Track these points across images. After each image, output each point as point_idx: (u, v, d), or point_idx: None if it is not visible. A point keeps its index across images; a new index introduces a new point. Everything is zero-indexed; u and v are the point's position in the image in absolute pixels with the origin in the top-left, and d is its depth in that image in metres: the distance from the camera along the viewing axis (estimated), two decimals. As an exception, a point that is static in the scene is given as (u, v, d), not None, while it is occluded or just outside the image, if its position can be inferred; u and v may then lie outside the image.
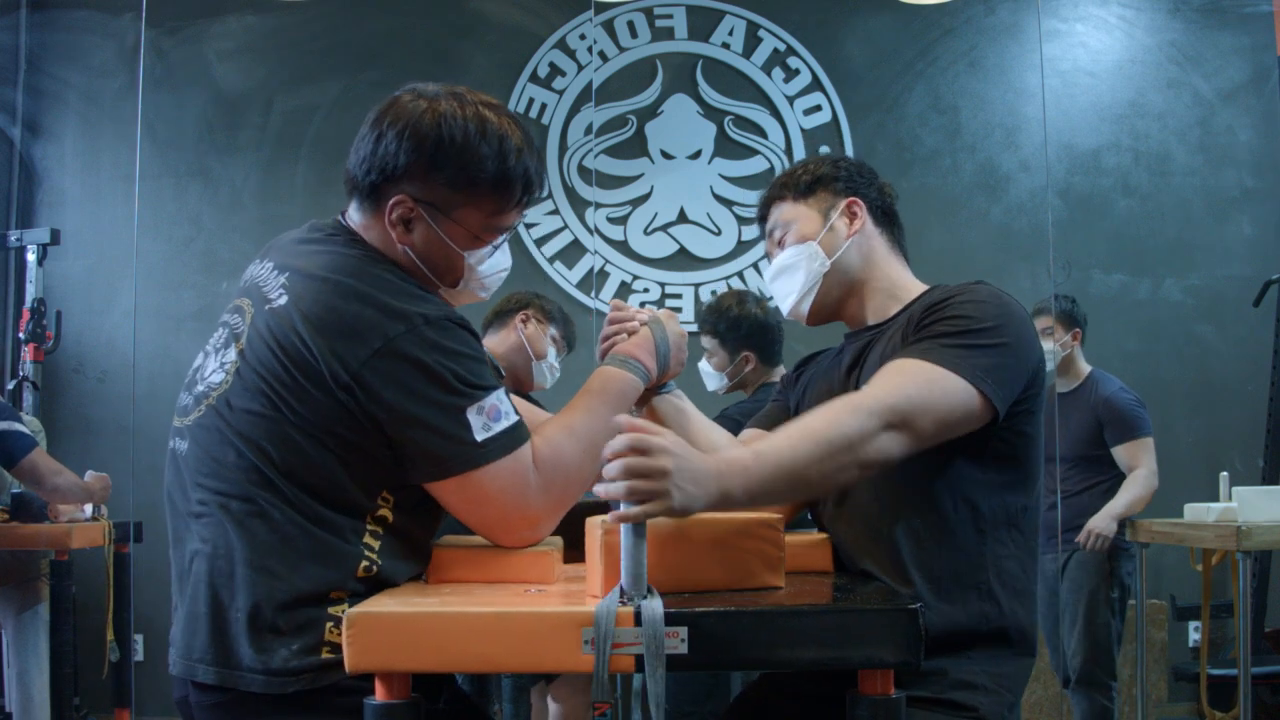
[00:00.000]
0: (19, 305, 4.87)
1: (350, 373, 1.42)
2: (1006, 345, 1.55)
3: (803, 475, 1.40)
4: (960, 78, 5.24)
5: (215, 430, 1.48)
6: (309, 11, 5.17)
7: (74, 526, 3.81)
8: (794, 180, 1.84)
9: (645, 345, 1.70)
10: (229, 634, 1.42)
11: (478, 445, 1.44)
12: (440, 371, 1.44)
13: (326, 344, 1.42)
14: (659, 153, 5.20)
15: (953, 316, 1.58)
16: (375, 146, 1.54)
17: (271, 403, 1.44)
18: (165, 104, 5.11)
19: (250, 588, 1.41)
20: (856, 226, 1.78)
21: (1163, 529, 3.83)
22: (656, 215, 5.18)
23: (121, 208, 5.01)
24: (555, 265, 5.14)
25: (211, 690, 1.43)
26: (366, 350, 1.42)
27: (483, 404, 1.46)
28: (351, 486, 1.45)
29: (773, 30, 5.26)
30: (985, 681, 1.57)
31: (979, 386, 1.51)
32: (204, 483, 1.48)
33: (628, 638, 1.23)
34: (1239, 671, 3.42)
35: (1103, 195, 5.18)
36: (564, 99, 5.23)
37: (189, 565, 1.48)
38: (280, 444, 1.43)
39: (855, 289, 1.80)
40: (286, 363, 1.44)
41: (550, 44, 5.25)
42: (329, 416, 1.43)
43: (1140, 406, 4.04)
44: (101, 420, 4.90)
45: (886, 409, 1.45)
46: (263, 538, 1.43)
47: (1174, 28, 5.25)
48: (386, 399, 1.42)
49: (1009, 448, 1.61)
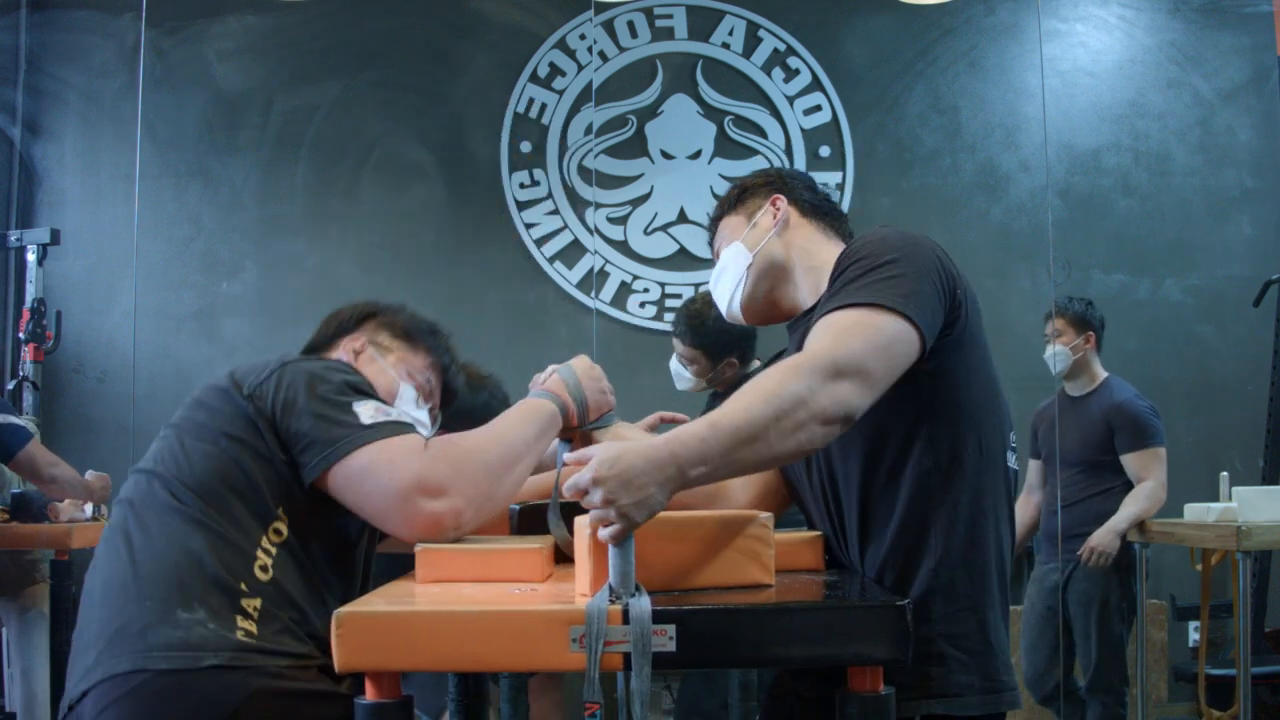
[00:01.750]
0: (19, 305, 4.87)
1: (251, 386, 1.64)
2: (914, 272, 1.52)
3: (764, 438, 1.36)
4: (960, 78, 5.24)
5: (144, 482, 1.65)
6: (309, 11, 5.17)
7: (74, 526, 3.81)
8: (726, 198, 1.91)
9: (554, 381, 1.78)
10: (135, 622, 1.54)
11: (364, 427, 1.57)
12: (331, 378, 1.63)
13: (238, 375, 1.67)
14: (659, 153, 5.20)
15: (856, 261, 1.56)
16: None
17: (180, 430, 1.66)
18: (165, 104, 5.12)
19: (157, 580, 1.56)
20: (779, 217, 1.81)
21: (1163, 529, 3.82)
22: (656, 215, 5.18)
23: (121, 208, 5.01)
24: (555, 265, 5.14)
25: (115, 678, 1.50)
26: (267, 369, 1.65)
27: (369, 401, 1.61)
28: (253, 489, 1.60)
29: (773, 30, 5.26)
30: (944, 648, 1.54)
31: (902, 311, 1.48)
32: (125, 513, 1.65)
33: (616, 635, 1.23)
34: (1239, 671, 3.42)
35: (1103, 195, 5.17)
36: (564, 99, 5.23)
37: (96, 590, 1.63)
38: (188, 457, 1.62)
39: (785, 275, 1.79)
40: (203, 398, 1.68)
41: (550, 44, 5.25)
42: (233, 425, 1.61)
43: (1155, 416, 3.98)
44: (101, 420, 4.90)
45: (827, 362, 1.42)
46: (167, 540, 1.58)
47: (1174, 28, 5.24)
48: (281, 397, 1.61)
49: (941, 386, 1.56)
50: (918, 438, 1.57)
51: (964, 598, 1.57)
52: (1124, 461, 3.93)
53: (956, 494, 1.57)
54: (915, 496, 1.57)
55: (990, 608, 1.59)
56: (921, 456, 1.57)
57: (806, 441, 1.41)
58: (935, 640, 1.54)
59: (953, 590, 1.56)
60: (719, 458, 1.34)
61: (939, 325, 1.54)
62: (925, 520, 1.57)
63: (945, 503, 1.57)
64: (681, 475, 1.31)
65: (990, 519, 1.60)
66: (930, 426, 1.57)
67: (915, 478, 1.57)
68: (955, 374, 1.58)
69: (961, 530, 1.57)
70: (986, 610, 1.58)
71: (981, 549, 1.59)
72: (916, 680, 1.52)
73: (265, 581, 1.56)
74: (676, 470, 1.31)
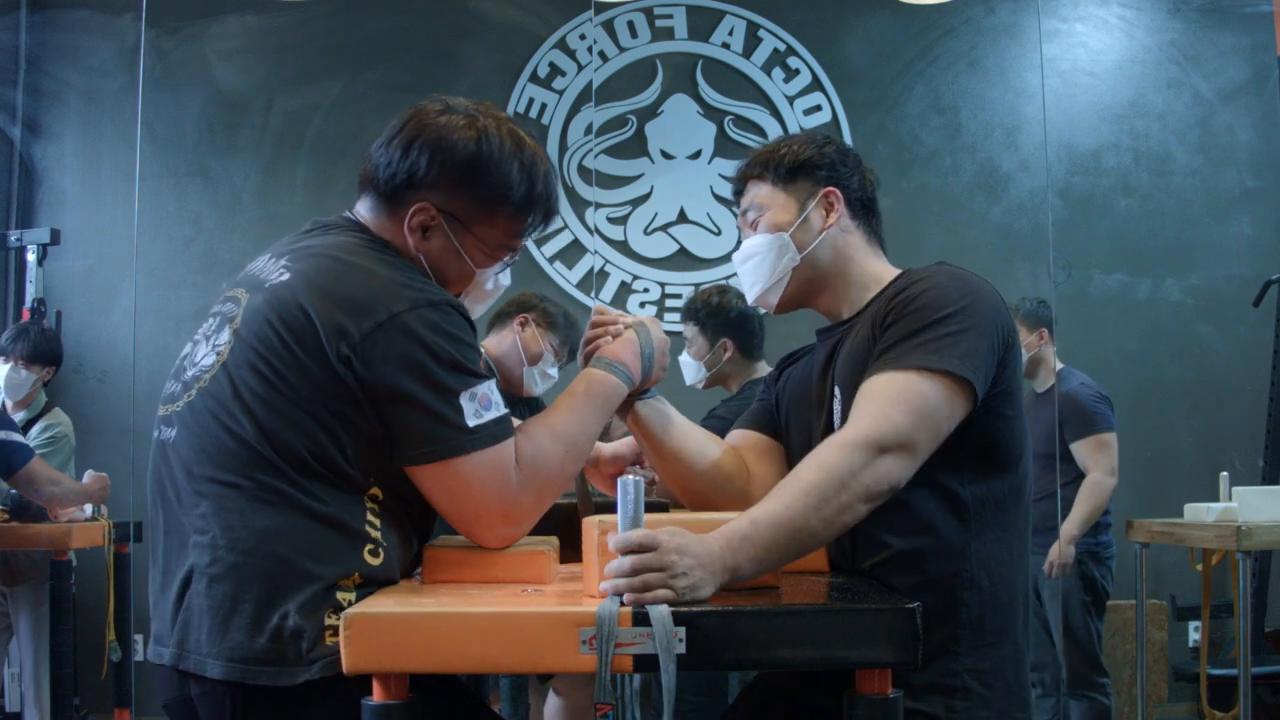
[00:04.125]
0: (19, 305, 4.87)
1: (351, 345, 1.41)
2: (974, 327, 1.53)
3: (805, 528, 1.38)
4: (960, 78, 5.24)
5: (208, 412, 1.46)
6: (309, 11, 5.17)
7: (74, 526, 3.81)
8: (775, 160, 1.77)
9: (630, 348, 1.67)
10: (234, 625, 1.39)
11: (467, 430, 1.44)
12: (440, 352, 1.43)
13: (330, 315, 1.42)
14: (659, 153, 5.20)
15: (914, 311, 1.55)
16: (405, 152, 1.55)
17: (266, 379, 1.42)
18: (165, 104, 5.11)
19: (257, 577, 1.39)
20: (832, 220, 1.75)
21: (1163, 529, 3.82)
22: (656, 215, 5.18)
23: (121, 208, 5.01)
24: (555, 265, 5.14)
25: (220, 685, 1.40)
26: (370, 323, 1.42)
27: (475, 390, 1.46)
28: (345, 464, 1.43)
29: (773, 30, 5.26)
30: (970, 682, 1.55)
31: (954, 374, 1.49)
32: (197, 469, 1.45)
33: (626, 638, 1.23)
34: (1239, 671, 3.41)
35: (1103, 195, 5.18)
36: (564, 99, 5.23)
37: (184, 555, 1.45)
38: (275, 419, 1.41)
39: (827, 282, 1.76)
40: (286, 336, 1.43)
41: (550, 44, 5.25)
42: (325, 391, 1.41)
43: (1100, 402, 3.99)
44: (101, 420, 4.89)
45: (870, 440, 1.44)
46: (265, 523, 1.40)
47: (1174, 28, 5.25)
48: (385, 373, 1.41)
49: (988, 431, 1.58)
50: (959, 481, 1.58)
51: (992, 634, 1.58)
52: (1072, 450, 3.95)
53: (994, 534, 1.59)
54: (953, 537, 1.58)
55: (1016, 643, 1.61)
56: (962, 499, 1.58)
57: (852, 520, 1.44)
58: (961, 674, 1.56)
59: (981, 626, 1.58)
60: (764, 554, 1.35)
61: (991, 378, 1.55)
62: (959, 556, 1.58)
63: (983, 541, 1.58)
64: (731, 572, 1.33)
65: (1019, 557, 1.62)
66: (973, 470, 1.59)
67: (950, 514, 1.58)
68: (1000, 420, 1.60)
69: (995, 569, 1.59)
70: (1012, 646, 1.60)
71: (1009, 586, 1.60)
72: (942, 712, 1.54)
73: (376, 565, 1.44)
74: (724, 567, 1.32)
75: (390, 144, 1.58)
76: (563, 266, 5.14)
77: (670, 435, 1.75)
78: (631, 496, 1.31)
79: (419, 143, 1.55)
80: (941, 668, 1.55)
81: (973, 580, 1.57)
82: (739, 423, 1.91)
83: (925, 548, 1.57)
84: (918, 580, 1.57)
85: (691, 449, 1.76)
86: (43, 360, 4.14)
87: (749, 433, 1.87)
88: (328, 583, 1.40)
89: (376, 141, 1.61)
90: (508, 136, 1.58)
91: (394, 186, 1.56)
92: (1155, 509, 4.29)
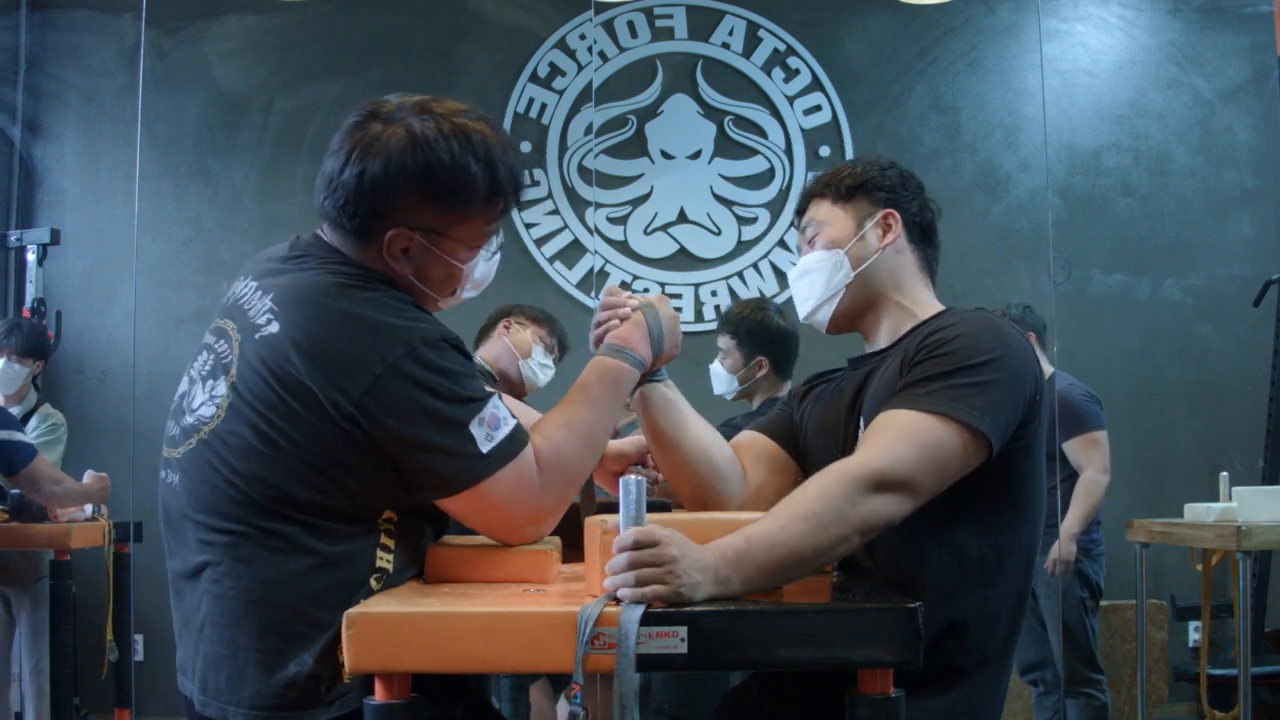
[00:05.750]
0: (19, 305, 4.87)
1: (353, 402, 1.40)
2: (1001, 380, 1.52)
3: (797, 554, 1.38)
4: (960, 78, 5.24)
5: (209, 466, 1.45)
6: (309, 11, 5.17)
7: (74, 526, 3.82)
8: (837, 180, 1.79)
9: (639, 331, 1.68)
10: (250, 675, 1.40)
11: (483, 457, 1.44)
12: (442, 390, 1.43)
13: (325, 375, 1.40)
14: (659, 153, 5.20)
15: (944, 355, 1.55)
16: (357, 184, 1.49)
17: (267, 436, 1.41)
18: (165, 104, 5.11)
19: (270, 628, 1.40)
20: (889, 240, 1.74)
21: (1163, 529, 3.83)
22: (656, 215, 5.18)
23: (121, 208, 5.01)
24: (555, 265, 5.14)
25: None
26: (368, 377, 1.40)
27: (482, 415, 1.45)
28: (353, 509, 1.44)
29: (773, 30, 5.26)
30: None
31: (972, 426, 1.48)
32: (201, 519, 1.46)
33: (616, 637, 1.23)
34: (1239, 671, 3.41)
35: (1103, 195, 5.18)
36: (564, 99, 5.23)
37: (197, 598, 1.46)
38: (279, 473, 1.41)
39: (876, 304, 1.76)
40: (283, 393, 1.41)
41: (550, 44, 5.24)
42: (331, 445, 1.41)
43: (1090, 401, 4.01)
44: (101, 420, 4.89)
45: (874, 474, 1.43)
46: (273, 573, 1.41)
47: (1174, 28, 5.25)
48: (391, 425, 1.40)
49: (1002, 485, 1.57)
50: (966, 531, 1.58)
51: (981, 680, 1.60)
52: (1066, 449, 3.97)
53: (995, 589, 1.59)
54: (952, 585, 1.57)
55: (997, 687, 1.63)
56: (967, 549, 1.58)
57: (845, 550, 1.44)
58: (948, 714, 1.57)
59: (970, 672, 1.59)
60: (754, 573, 1.35)
61: (1012, 431, 1.54)
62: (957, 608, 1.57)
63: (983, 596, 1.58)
64: (720, 584, 1.32)
65: (1020, 611, 1.63)
66: (982, 522, 1.58)
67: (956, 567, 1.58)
68: (1017, 476, 1.59)
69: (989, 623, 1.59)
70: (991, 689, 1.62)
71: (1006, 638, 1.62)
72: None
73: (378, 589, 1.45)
74: (714, 579, 1.31)
75: (339, 178, 1.50)
76: (563, 266, 5.14)
77: (673, 422, 1.74)
78: (633, 496, 1.31)
79: (368, 177, 1.48)
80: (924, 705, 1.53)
81: (964, 630, 1.57)
82: (752, 425, 1.90)
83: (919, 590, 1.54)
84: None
85: (692, 440, 1.75)
86: (35, 354, 4.20)
87: (758, 436, 1.86)
88: (326, 626, 1.40)
89: (322, 172, 1.54)
90: (451, 134, 1.51)
91: (359, 224, 1.51)
92: (1155, 509, 4.28)
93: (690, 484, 1.76)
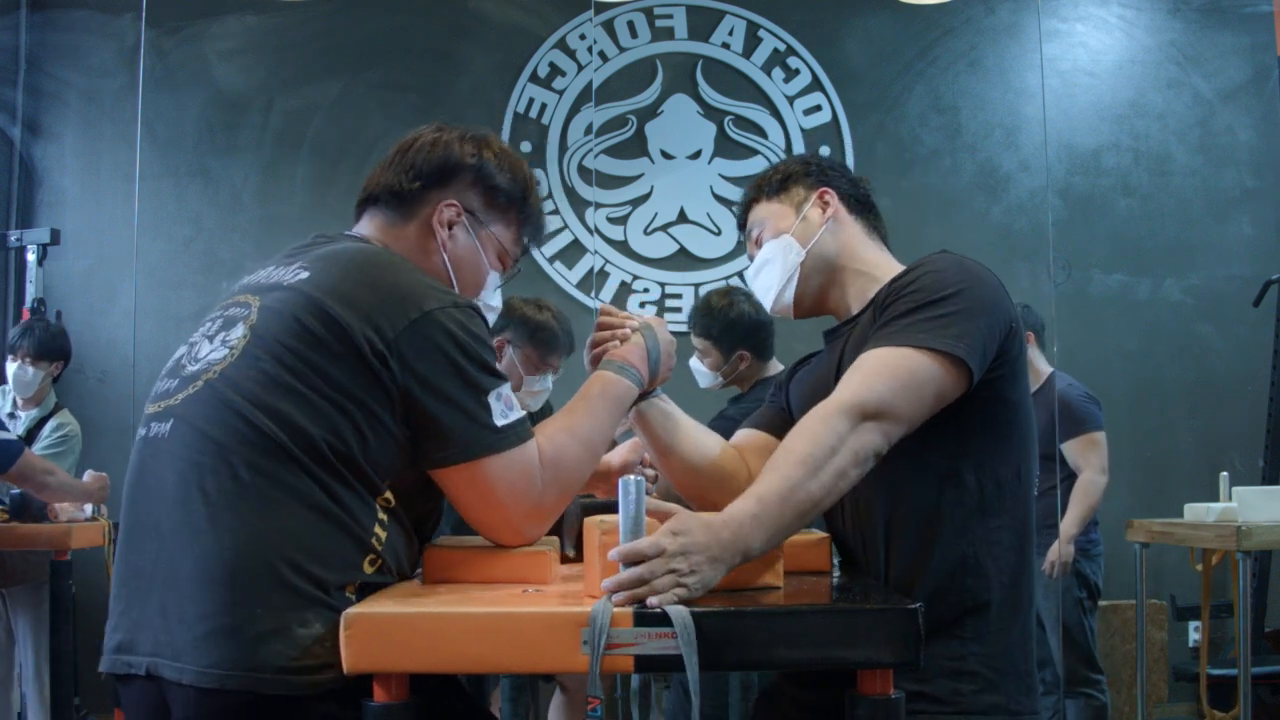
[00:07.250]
0: (19, 305, 4.87)
1: (386, 341, 1.40)
2: (970, 308, 1.55)
3: (807, 498, 1.41)
4: (960, 78, 5.24)
5: (219, 402, 1.40)
6: (309, 11, 5.17)
7: (74, 526, 3.81)
8: (766, 181, 1.88)
9: (638, 351, 1.71)
10: (234, 633, 1.31)
11: (497, 430, 1.45)
12: (471, 351, 1.45)
13: (361, 311, 1.41)
14: (659, 153, 5.20)
15: (912, 293, 1.58)
16: (430, 147, 1.64)
17: (290, 368, 1.39)
18: (165, 104, 5.11)
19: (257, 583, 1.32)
20: (829, 214, 1.81)
21: (1163, 529, 3.82)
22: (656, 215, 5.18)
23: (121, 208, 5.01)
24: (555, 265, 5.14)
25: (218, 694, 1.31)
26: (404, 320, 1.42)
27: (501, 391, 1.48)
28: (363, 462, 1.40)
29: (773, 30, 5.26)
30: (976, 666, 1.56)
31: (947, 352, 1.51)
32: (196, 463, 1.38)
33: (626, 638, 1.23)
34: (1239, 671, 3.41)
35: (1103, 195, 5.18)
36: (564, 99, 5.22)
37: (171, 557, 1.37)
38: (297, 407, 1.37)
39: (835, 276, 1.81)
40: (314, 328, 1.40)
41: (550, 44, 5.24)
42: (355, 383, 1.39)
43: (1090, 401, 4.03)
44: (101, 420, 4.89)
45: (851, 406, 1.47)
46: (267, 525, 1.34)
47: (1174, 28, 5.25)
48: (420, 370, 1.41)
49: (991, 414, 1.60)
50: (963, 463, 1.60)
51: (998, 619, 1.59)
52: (1064, 450, 3.98)
53: (999, 519, 1.60)
54: (957, 520, 1.59)
55: (1023, 628, 1.62)
56: (965, 481, 1.60)
57: (846, 485, 1.47)
58: (968, 659, 1.57)
59: (987, 611, 1.59)
60: (774, 528, 1.38)
61: (990, 359, 1.56)
62: (967, 542, 1.59)
63: (987, 527, 1.60)
64: (744, 554, 1.35)
65: (1027, 544, 1.63)
66: (977, 453, 1.60)
67: (958, 501, 1.59)
68: (1005, 405, 1.61)
69: (1000, 554, 1.60)
70: (1020, 632, 1.61)
71: (1016, 572, 1.61)
72: (948, 694, 1.55)
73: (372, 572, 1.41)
74: (739, 550, 1.34)
75: (400, 159, 1.65)
76: (563, 266, 5.14)
77: (675, 435, 1.79)
78: (633, 497, 1.31)
79: (442, 142, 1.65)
80: (948, 651, 1.56)
81: (978, 564, 1.58)
82: (746, 423, 1.95)
83: (928, 530, 1.59)
84: (921, 562, 1.58)
85: (695, 449, 1.80)
86: (50, 356, 4.13)
87: (755, 433, 1.90)
88: (328, 587, 1.36)
89: (381, 163, 1.69)
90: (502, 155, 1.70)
91: (413, 191, 1.62)
92: (1155, 509, 4.28)
93: (697, 488, 1.80)
